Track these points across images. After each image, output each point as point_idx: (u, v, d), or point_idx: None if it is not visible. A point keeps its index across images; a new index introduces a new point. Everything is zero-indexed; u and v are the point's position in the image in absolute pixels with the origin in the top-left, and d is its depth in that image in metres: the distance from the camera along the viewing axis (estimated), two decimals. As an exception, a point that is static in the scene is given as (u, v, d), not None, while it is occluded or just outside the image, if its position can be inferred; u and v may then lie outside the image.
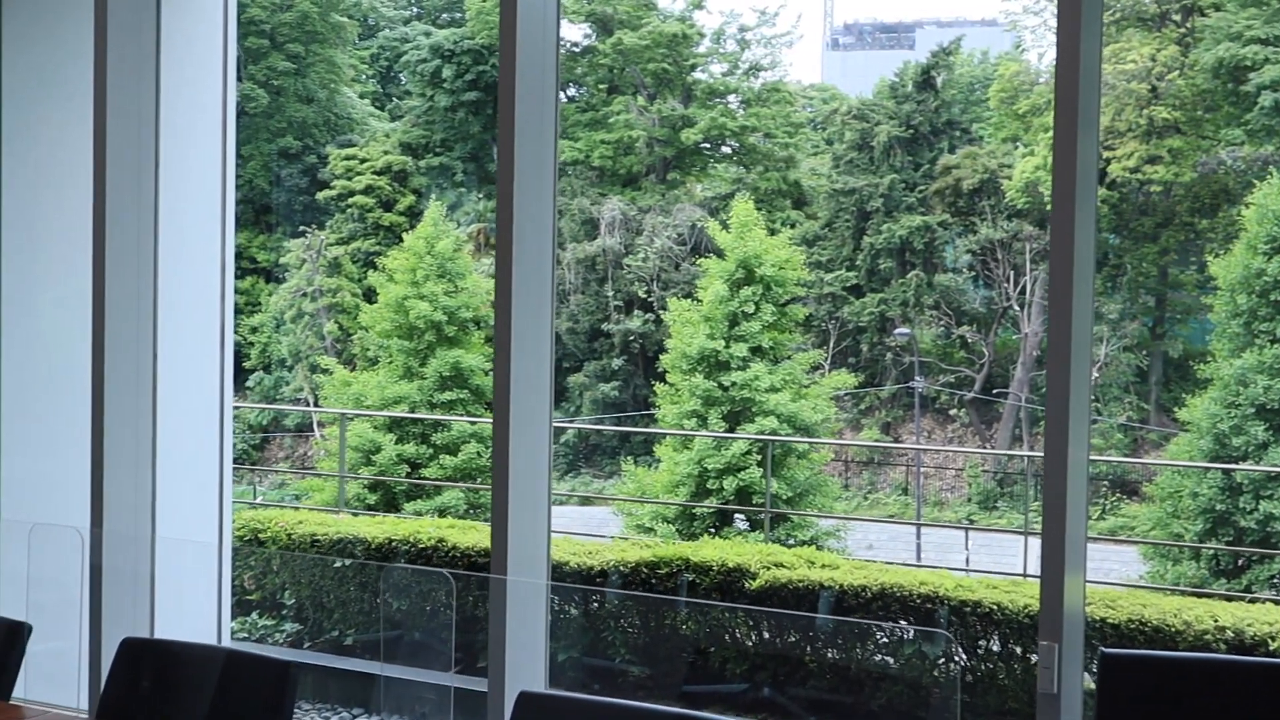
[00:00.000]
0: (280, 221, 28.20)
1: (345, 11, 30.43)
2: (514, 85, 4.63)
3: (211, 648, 3.81)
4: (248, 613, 8.42)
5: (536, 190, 4.72)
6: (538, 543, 4.77)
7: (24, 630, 4.01)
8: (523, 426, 4.67)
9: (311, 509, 12.54)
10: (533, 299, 4.71)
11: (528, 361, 4.70)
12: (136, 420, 5.62)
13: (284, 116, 28.68)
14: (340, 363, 23.35)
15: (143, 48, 5.70)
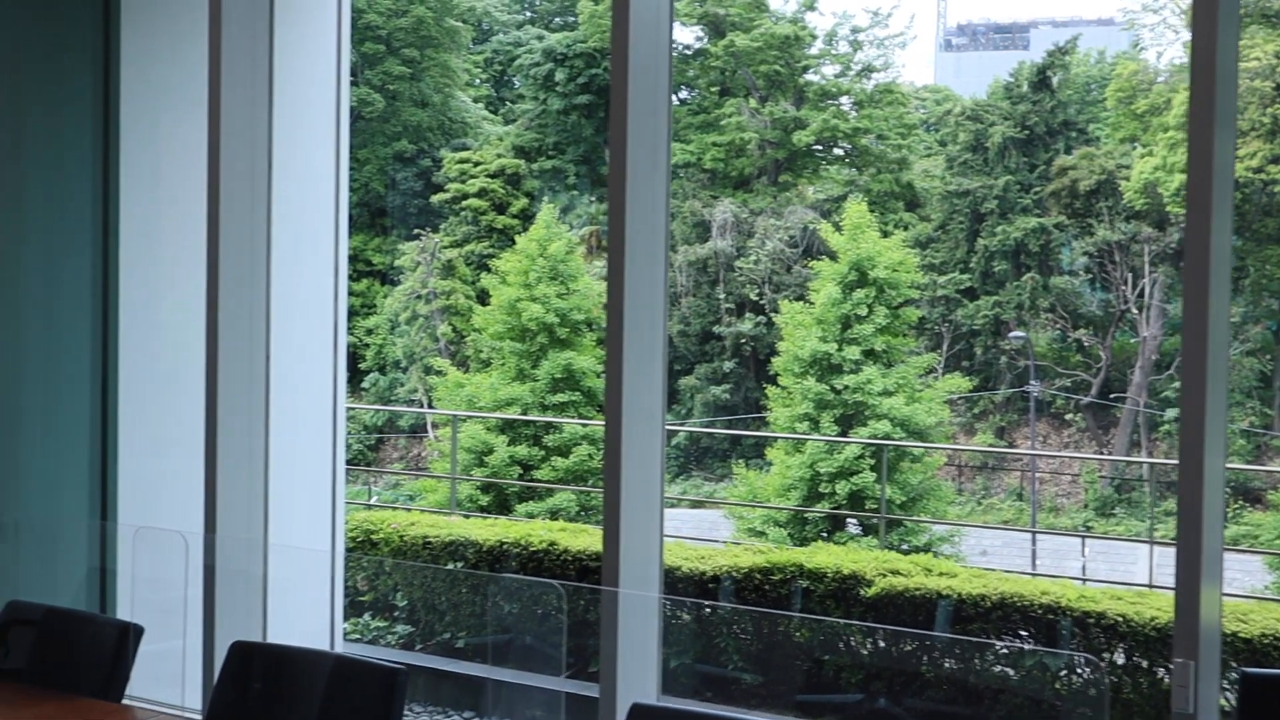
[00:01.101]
0: (395, 224, 28.46)
1: (460, 16, 30.64)
2: (626, 88, 4.57)
3: (321, 653, 3.79)
4: (360, 614, 8.46)
5: (649, 193, 4.65)
6: (650, 549, 4.70)
7: (136, 632, 4.02)
8: (636, 430, 4.61)
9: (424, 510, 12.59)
10: (645, 302, 4.65)
11: (640, 365, 4.63)
12: (250, 424, 5.64)
13: (399, 120, 28.95)
14: (453, 364, 23.48)
15: (256, 54, 5.73)
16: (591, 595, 7.88)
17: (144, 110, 6.63)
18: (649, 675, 4.62)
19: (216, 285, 5.52)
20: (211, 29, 5.53)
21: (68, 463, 6.76)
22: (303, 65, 6.36)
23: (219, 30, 5.51)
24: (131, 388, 6.64)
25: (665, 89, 4.73)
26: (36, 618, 4.28)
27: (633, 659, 4.56)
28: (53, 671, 4.15)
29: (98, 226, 6.64)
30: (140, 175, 6.65)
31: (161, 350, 6.72)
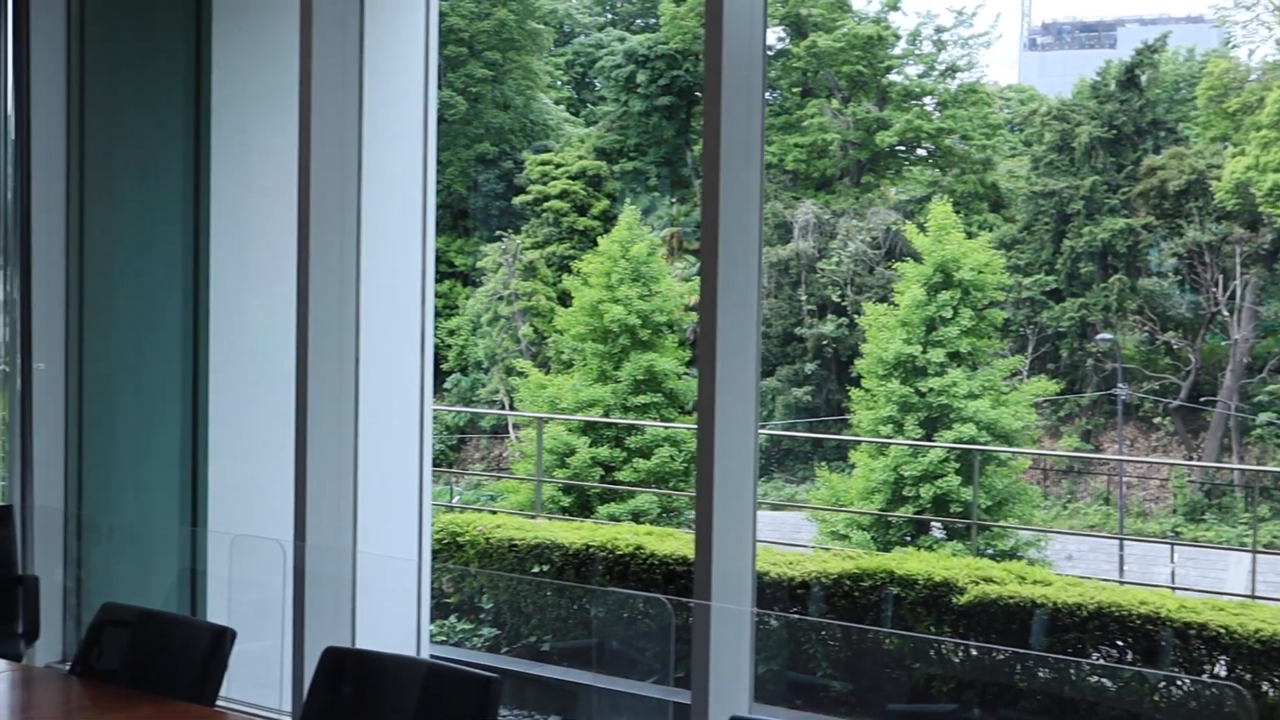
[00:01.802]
0: (477, 226, 28.58)
1: (541, 19, 30.71)
2: (719, 88, 4.52)
3: (414, 660, 3.76)
4: (446, 616, 8.45)
5: (742, 194, 4.60)
6: (743, 556, 4.64)
7: (229, 636, 4.02)
8: (728, 435, 4.55)
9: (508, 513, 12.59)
10: (738, 304, 4.59)
11: (733, 368, 4.57)
12: (339, 428, 5.64)
13: (481, 123, 29.06)
14: (535, 365, 23.53)
15: (347, 57, 5.73)
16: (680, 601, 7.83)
17: (234, 114, 6.66)
18: (741, 685, 4.56)
19: (307, 289, 5.53)
20: (303, 33, 5.54)
21: (159, 466, 6.81)
22: (391, 68, 6.36)
23: (310, 34, 5.52)
24: (221, 390, 6.67)
25: (759, 89, 4.67)
26: (131, 619, 4.29)
27: (725, 669, 4.50)
28: (146, 673, 4.16)
29: (188, 231, 6.68)
30: (230, 179, 6.68)
31: (250, 353, 6.76)
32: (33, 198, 6.69)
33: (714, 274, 4.51)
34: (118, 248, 6.90)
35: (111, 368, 6.89)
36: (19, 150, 6.67)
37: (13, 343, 6.69)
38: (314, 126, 5.53)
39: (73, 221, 6.87)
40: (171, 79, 6.78)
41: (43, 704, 4.13)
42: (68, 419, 6.86)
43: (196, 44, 6.66)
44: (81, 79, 6.89)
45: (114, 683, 4.15)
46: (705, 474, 4.54)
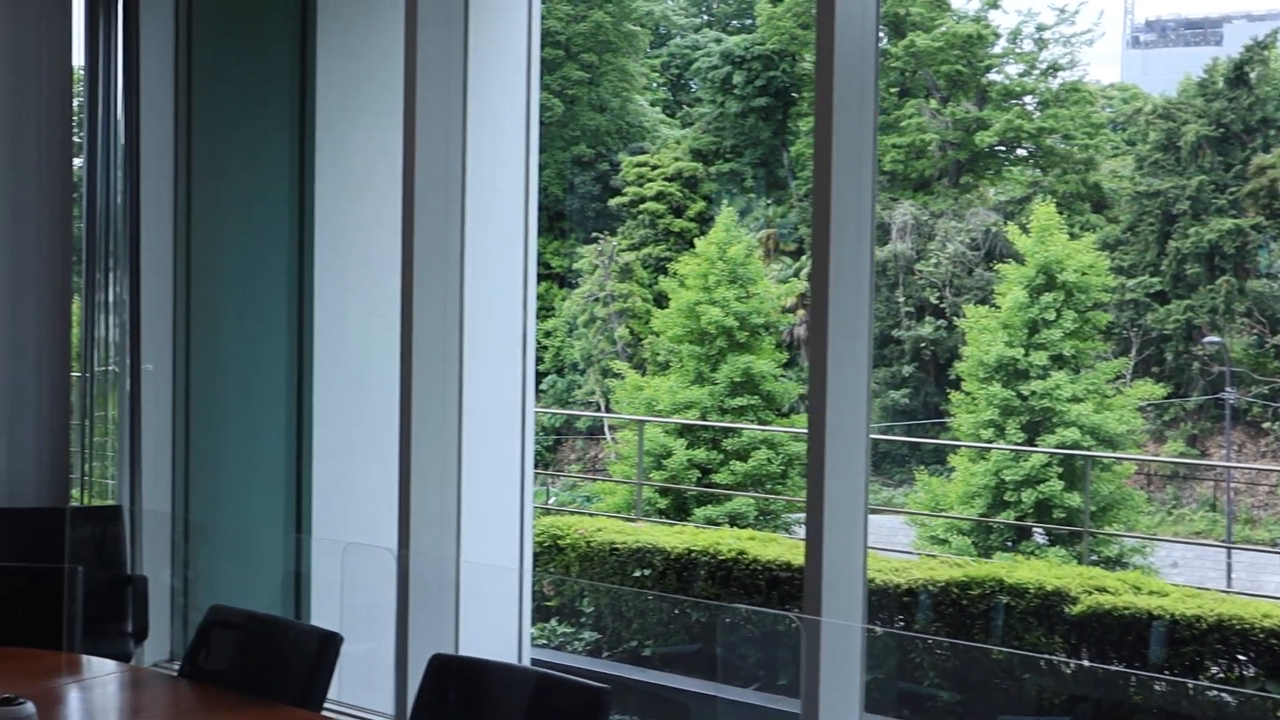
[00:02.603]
0: (573, 228, 28.63)
1: (637, 20, 30.71)
2: (831, 89, 4.42)
3: (523, 669, 3.72)
4: (547, 619, 8.42)
5: (854, 196, 4.50)
6: (853, 564, 4.54)
7: (336, 641, 4.00)
8: (839, 440, 4.46)
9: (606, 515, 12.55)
10: (849, 306, 4.50)
11: (844, 371, 4.48)
12: (443, 434, 5.61)
13: (578, 125, 29.11)
14: (631, 367, 23.52)
15: (451, 60, 5.71)
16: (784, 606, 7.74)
17: (338, 116, 6.68)
18: (852, 696, 4.47)
19: (411, 291, 5.50)
20: (407, 36, 5.52)
21: (264, 467, 6.84)
22: (494, 71, 6.34)
23: (414, 37, 5.50)
24: (325, 391, 6.68)
25: (871, 89, 4.58)
26: (239, 622, 4.29)
27: (835, 679, 4.41)
28: (253, 676, 4.15)
29: (293, 233, 6.71)
30: (334, 180, 6.70)
31: (353, 355, 6.77)
32: (142, 200, 6.75)
33: (825, 276, 4.42)
34: (224, 249, 6.94)
35: (218, 369, 6.93)
36: (129, 155, 6.73)
37: (122, 343, 6.76)
38: (419, 129, 5.51)
39: (180, 224, 6.92)
40: (277, 82, 6.81)
41: (152, 706, 4.14)
42: (175, 420, 6.92)
43: (302, 48, 6.68)
44: (189, 84, 6.94)
45: (221, 685, 4.15)
46: (815, 480, 4.45)
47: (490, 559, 6.38)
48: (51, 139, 6.52)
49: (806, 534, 4.47)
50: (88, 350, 6.85)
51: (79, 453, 6.88)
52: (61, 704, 4.00)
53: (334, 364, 6.71)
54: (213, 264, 6.92)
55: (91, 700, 4.15)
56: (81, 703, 4.11)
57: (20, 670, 4.10)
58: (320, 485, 6.65)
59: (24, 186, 6.45)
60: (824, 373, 4.42)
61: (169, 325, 6.88)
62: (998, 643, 7.27)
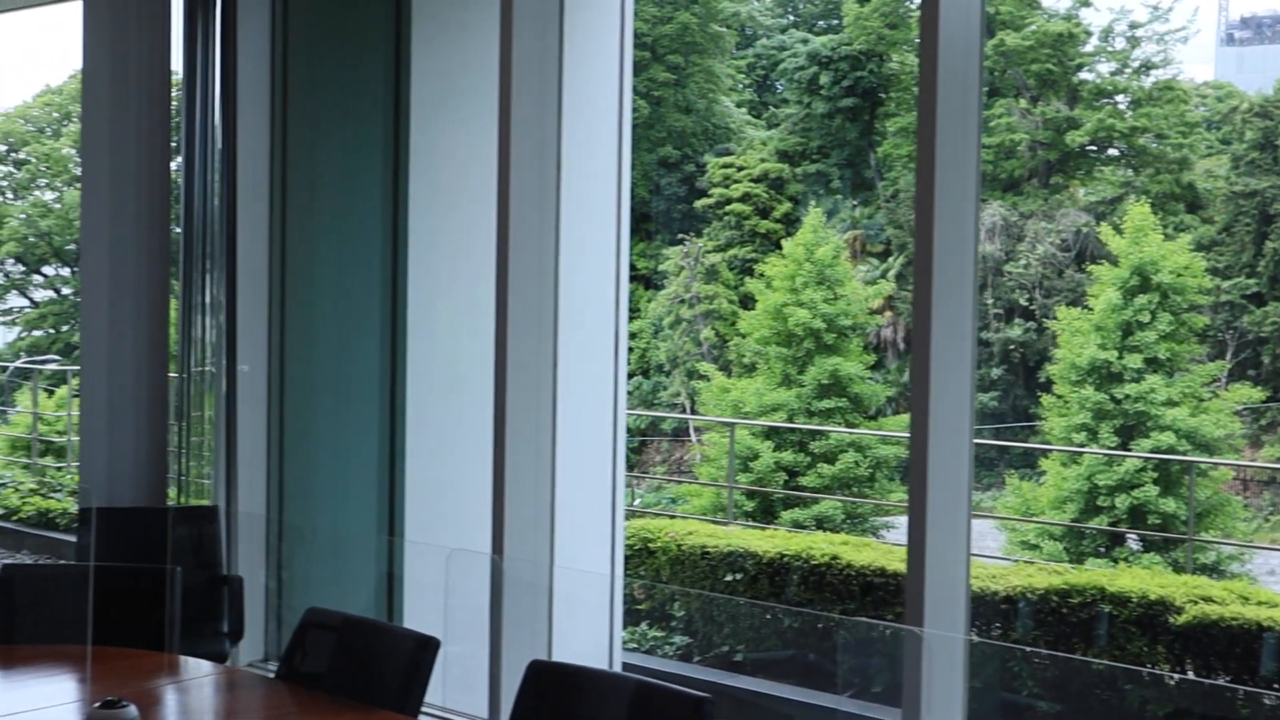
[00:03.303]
0: (659, 229, 28.59)
1: (724, 21, 30.63)
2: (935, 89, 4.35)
3: (622, 676, 3.67)
4: (637, 623, 8.37)
5: (957, 198, 4.42)
6: (956, 571, 4.45)
7: (433, 645, 3.98)
8: (942, 445, 4.37)
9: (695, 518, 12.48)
10: (952, 309, 4.41)
11: (947, 374, 4.40)
12: (537, 437, 5.58)
13: (664, 126, 29.08)
14: (717, 369, 23.45)
15: (546, 62, 5.68)
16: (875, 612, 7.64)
17: (433, 119, 6.68)
18: (954, 708, 4.38)
19: (506, 292, 5.48)
20: (503, 39, 5.49)
21: (357, 467, 6.86)
22: (587, 72, 6.32)
23: (510, 39, 5.47)
24: (418, 393, 6.69)
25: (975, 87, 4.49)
26: (336, 624, 4.29)
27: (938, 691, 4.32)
28: (350, 679, 4.14)
29: (387, 235, 6.72)
30: (428, 182, 6.70)
31: (447, 356, 6.77)
32: (238, 203, 6.79)
33: (928, 278, 4.34)
34: (318, 251, 6.97)
35: (312, 370, 6.96)
36: (226, 158, 6.77)
37: (219, 344, 6.80)
38: (514, 130, 5.49)
39: (275, 226, 6.96)
40: (372, 85, 6.83)
41: (249, 708, 4.14)
42: (269, 420, 6.95)
43: (396, 52, 6.69)
44: (285, 88, 6.98)
45: (317, 687, 4.15)
46: (918, 485, 4.37)
47: (581, 562, 6.35)
48: (150, 144, 6.58)
49: (908, 540, 4.39)
50: (185, 351, 6.91)
51: (175, 453, 6.93)
52: (160, 705, 4.01)
53: (426, 365, 6.71)
54: (307, 266, 6.95)
55: (189, 702, 4.16)
56: (180, 705, 4.12)
57: (121, 670, 4.12)
58: (413, 486, 6.65)
59: (123, 190, 6.51)
60: (926, 375, 4.34)
61: (264, 327, 6.92)
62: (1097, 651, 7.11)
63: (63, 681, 4.10)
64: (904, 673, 4.32)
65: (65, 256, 26.68)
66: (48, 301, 27.33)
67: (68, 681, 4.09)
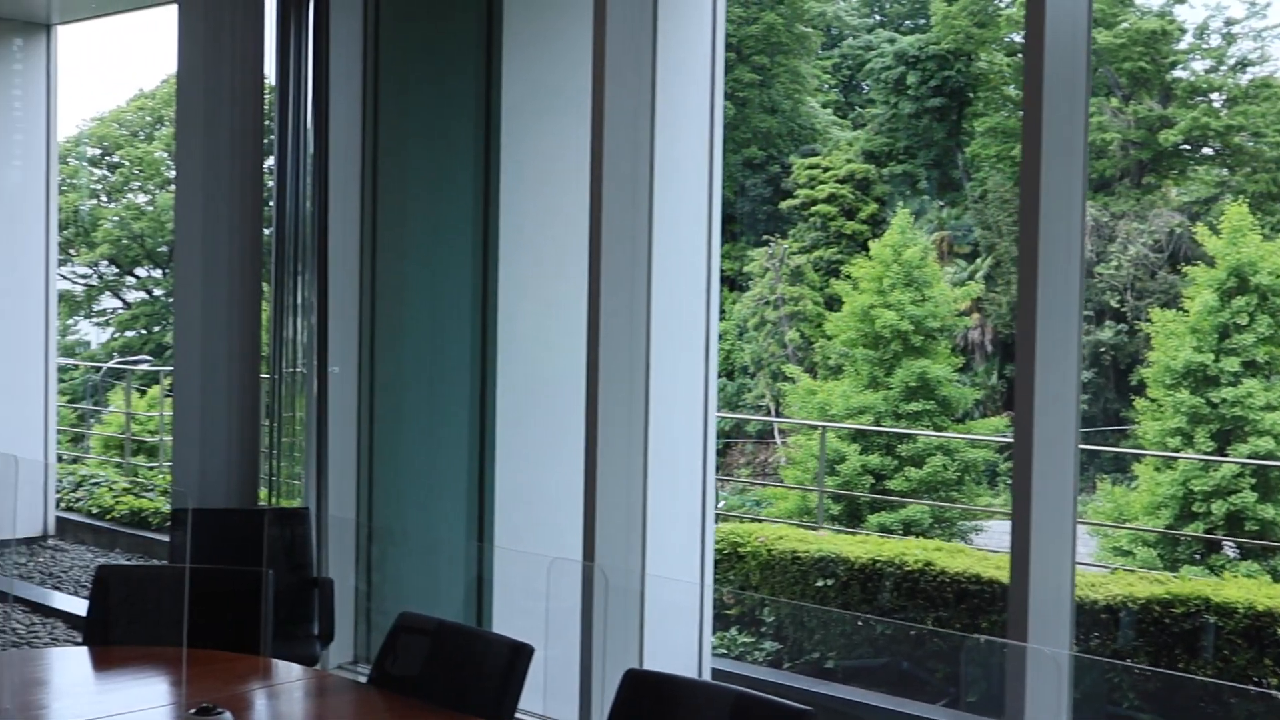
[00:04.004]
0: (744, 231, 28.49)
1: (809, 22, 30.47)
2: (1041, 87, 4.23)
3: (720, 687, 3.59)
4: (727, 628, 8.28)
5: (1064, 198, 4.30)
6: (1061, 580, 4.34)
7: (526, 652, 3.93)
8: (1048, 451, 4.26)
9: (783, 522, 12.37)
10: (1059, 312, 4.30)
11: (1053, 377, 4.29)
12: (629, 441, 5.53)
13: (748, 127, 28.98)
14: (802, 370, 23.30)
15: (639, 63, 5.62)
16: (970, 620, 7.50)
17: (524, 119, 6.65)
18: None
19: (598, 295, 5.42)
20: (596, 40, 5.44)
21: (447, 470, 6.85)
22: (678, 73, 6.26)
23: (603, 41, 5.42)
24: (508, 395, 6.66)
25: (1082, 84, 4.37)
26: (429, 629, 4.25)
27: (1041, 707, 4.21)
28: (443, 684, 4.11)
29: (478, 236, 6.70)
30: (519, 184, 6.67)
31: (537, 358, 6.73)
32: (329, 205, 6.80)
33: (1033, 279, 4.23)
34: (409, 254, 6.97)
35: (402, 372, 6.96)
36: (317, 162, 6.79)
37: (310, 345, 6.82)
38: (607, 134, 5.43)
39: (366, 228, 6.97)
40: (463, 87, 6.81)
41: (340, 714, 4.12)
42: (359, 422, 6.96)
43: (487, 56, 6.67)
44: (376, 93, 6.98)
45: (409, 691, 4.12)
46: (1022, 493, 4.26)
47: (670, 566, 6.29)
48: (242, 147, 6.61)
49: (1012, 548, 4.28)
50: (276, 352, 6.93)
51: (266, 453, 6.96)
52: (252, 710, 4.00)
53: (516, 367, 6.68)
54: (398, 268, 6.95)
55: (281, 707, 4.14)
56: (271, 710, 4.10)
57: (215, 673, 4.11)
58: (502, 488, 6.63)
59: (216, 193, 6.54)
60: (1031, 379, 4.23)
61: (355, 328, 6.93)
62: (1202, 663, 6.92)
63: (157, 684, 4.10)
64: (1007, 687, 4.21)
65: (157, 258, 27.05)
66: (140, 303, 27.72)
67: (162, 684, 4.09)
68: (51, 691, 4.01)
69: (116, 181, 27.32)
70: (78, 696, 4.00)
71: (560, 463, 6.53)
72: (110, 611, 4.74)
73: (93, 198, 27.36)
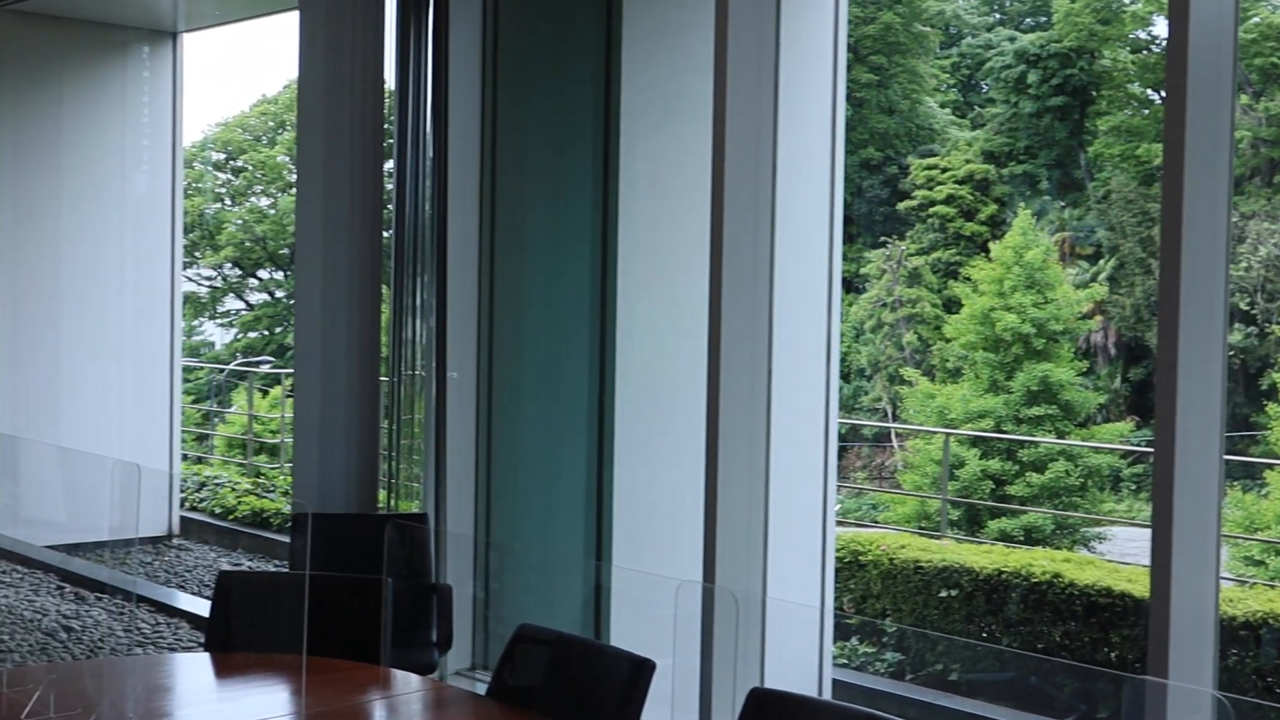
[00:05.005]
0: (861, 232, 28.23)
1: (928, 21, 30.11)
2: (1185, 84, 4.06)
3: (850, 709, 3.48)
4: (847, 638, 8.14)
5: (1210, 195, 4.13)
6: (1204, 597, 4.16)
7: (649, 668, 3.85)
8: (1190, 461, 4.09)
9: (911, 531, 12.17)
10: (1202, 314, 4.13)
11: (1196, 383, 4.11)
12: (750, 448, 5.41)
13: (866, 128, 28.71)
14: (920, 373, 23.02)
15: (763, 64, 5.51)
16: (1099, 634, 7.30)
17: (643, 122, 6.59)
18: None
19: (719, 300, 5.31)
20: (718, 40, 5.34)
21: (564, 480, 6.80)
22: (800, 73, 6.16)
23: (725, 40, 5.31)
24: (627, 400, 6.60)
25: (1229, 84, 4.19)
26: (549, 641, 4.19)
27: None
28: (563, 698, 4.05)
29: (596, 240, 6.65)
30: (637, 188, 6.60)
31: (657, 362, 6.66)
32: (448, 208, 6.79)
33: (1175, 280, 4.06)
34: (528, 257, 6.94)
35: (520, 376, 6.93)
36: (436, 164, 6.78)
37: (429, 347, 6.81)
38: (729, 135, 5.32)
39: (485, 231, 6.95)
40: (582, 90, 6.77)
41: (461, 724, 4.08)
42: (478, 427, 6.94)
43: (606, 56, 6.61)
44: (494, 94, 6.97)
45: (528, 704, 4.05)
46: (1163, 503, 4.09)
47: (790, 575, 6.18)
48: (363, 151, 6.61)
49: (1151, 562, 4.12)
50: (395, 355, 6.93)
51: (385, 454, 6.96)
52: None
53: (635, 372, 6.62)
54: (516, 271, 6.93)
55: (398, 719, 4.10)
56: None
57: (334, 682, 4.08)
58: (620, 494, 6.56)
59: (336, 196, 6.56)
60: (1173, 384, 4.06)
61: (473, 332, 6.92)
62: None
63: (277, 692, 4.08)
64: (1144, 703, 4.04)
65: (279, 260, 27.45)
66: (262, 304, 28.15)
67: (282, 693, 4.07)
68: (175, 699, 4.02)
69: (240, 185, 27.78)
70: (200, 704, 4.00)
71: (678, 468, 6.45)
72: (231, 617, 4.75)
73: (217, 201, 27.85)
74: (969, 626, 7.83)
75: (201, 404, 22.85)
